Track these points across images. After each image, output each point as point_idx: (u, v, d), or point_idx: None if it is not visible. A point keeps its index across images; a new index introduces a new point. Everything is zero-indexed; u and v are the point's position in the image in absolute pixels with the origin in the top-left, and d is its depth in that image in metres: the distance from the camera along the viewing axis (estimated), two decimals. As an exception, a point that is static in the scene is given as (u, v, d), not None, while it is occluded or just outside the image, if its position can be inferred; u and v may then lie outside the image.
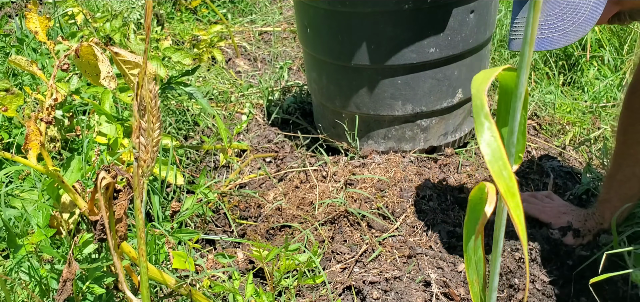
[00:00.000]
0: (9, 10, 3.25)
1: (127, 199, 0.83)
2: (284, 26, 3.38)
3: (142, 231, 0.78)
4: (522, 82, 0.47)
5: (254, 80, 2.70)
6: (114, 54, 0.85)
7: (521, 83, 0.47)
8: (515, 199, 0.47)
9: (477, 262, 0.56)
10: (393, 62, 1.71)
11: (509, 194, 0.46)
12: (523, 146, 0.51)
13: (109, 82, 0.86)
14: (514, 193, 0.47)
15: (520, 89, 0.48)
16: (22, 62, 0.90)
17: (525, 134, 0.51)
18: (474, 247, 0.56)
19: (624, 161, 1.39)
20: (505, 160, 0.46)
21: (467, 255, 0.56)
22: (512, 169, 0.50)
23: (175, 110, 2.19)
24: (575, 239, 1.46)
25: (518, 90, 0.48)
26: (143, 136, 0.74)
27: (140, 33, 2.71)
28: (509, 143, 0.51)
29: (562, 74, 2.41)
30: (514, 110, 0.49)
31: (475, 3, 1.69)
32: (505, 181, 0.46)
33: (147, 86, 0.74)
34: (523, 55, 0.46)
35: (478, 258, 0.56)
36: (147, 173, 0.75)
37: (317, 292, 1.40)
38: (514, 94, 0.48)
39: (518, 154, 0.51)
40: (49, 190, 0.92)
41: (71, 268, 0.88)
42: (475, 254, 0.56)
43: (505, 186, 0.46)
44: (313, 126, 2.19)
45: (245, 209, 1.71)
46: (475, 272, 0.56)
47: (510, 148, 0.51)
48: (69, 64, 0.83)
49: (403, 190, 1.67)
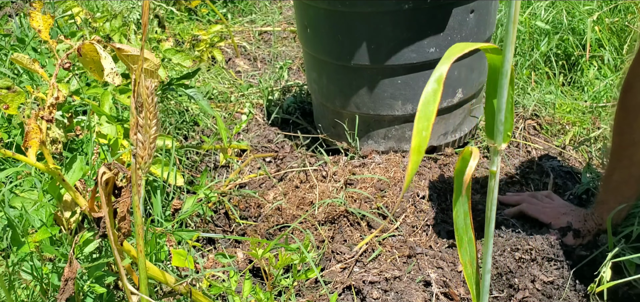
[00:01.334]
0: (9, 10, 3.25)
1: (130, 197, 0.83)
2: (284, 26, 3.38)
3: (140, 228, 0.79)
4: (507, 59, 0.48)
5: (254, 80, 2.70)
6: (118, 50, 0.86)
7: (507, 60, 0.48)
8: (418, 157, 0.49)
9: (468, 242, 0.56)
10: (393, 62, 1.71)
11: (417, 151, 0.49)
12: (511, 124, 0.51)
13: (113, 78, 0.86)
14: (421, 151, 0.49)
15: (506, 66, 0.48)
16: (24, 60, 0.90)
17: (513, 112, 0.51)
18: (464, 227, 0.56)
19: (619, 162, 1.38)
20: (430, 120, 0.49)
21: (458, 235, 0.56)
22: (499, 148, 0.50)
23: (175, 111, 2.19)
24: (576, 239, 1.46)
25: (504, 68, 0.48)
26: (140, 133, 0.74)
27: (140, 33, 2.71)
28: (497, 121, 0.51)
29: (562, 74, 2.41)
30: (500, 88, 0.49)
31: (475, 3, 1.69)
32: (421, 138, 0.48)
33: (144, 83, 0.74)
34: (507, 33, 0.47)
35: (469, 238, 0.56)
36: (144, 169, 0.75)
37: (317, 292, 1.40)
38: (500, 71, 0.49)
39: (506, 132, 0.51)
40: (50, 189, 0.92)
41: (72, 267, 0.88)
42: (466, 234, 0.56)
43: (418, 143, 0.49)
44: (313, 126, 2.19)
45: (245, 209, 1.71)
46: (468, 254, 0.56)
47: (498, 126, 0.51)
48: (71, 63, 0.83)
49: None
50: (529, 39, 2.55)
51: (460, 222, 0.55)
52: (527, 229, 1.55)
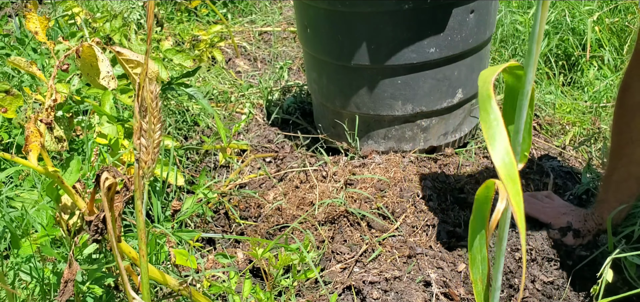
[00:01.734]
0: (9, 10, 3.25)
1: (123, 201, 0.83)
2: (284, 26, 3.38)
3: (143, 232, 0.78)
4: (529, 79, 0.47)
5: (254, 80, 2.70)
6: (117, 53, 0.85)
7: (528, 81, 0.47)
8: (516, 186, 0.46)
9: (481, 261, 0.56)
10: (393, 62, 1.71)
11: (510, 180, 0.46)
12: (528, 145, 0.51)
13: (108, 82, 0.86)
14: (515, 180, 0.46)
15: (527, 86, 0.47)
16: (21, 63, 0.90)
17: (531, 133, 0.51)
18: (479, 247, 0.56)
19: (619, 161, 1.38)
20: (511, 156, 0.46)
21: (471, 254, 0.56)
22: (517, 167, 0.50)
23: (175, 111, 2.19)
24: (576, 239, 1.46)
25: (525, 89, 0.47)
26: (144, 137, 0.74)
27: (140, 33, 2.71)
28: (515, 142, 0.50)
29: (562, 74, 2.41)
30: (520, 109, 0.48)
31: (475, 3, 1.69)
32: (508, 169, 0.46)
33: (148, 87, 0.74)
34: (530, 53, 0.45)
35: (482, 257, 0.56)
36: (148, 174, 0.75)
37: (317, 292, 1.40)
38: (521, 92, 0.48)
39: (523, 153, 0.51)
40: (48, 191, 0.92)
41: (72, 269, 0.88)
42: (480, 252, 0.56)
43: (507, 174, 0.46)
44: (313, 126, 2.19)
45: (245, 209, 1.71)
46: (480, 272, 0.56)
47: (515, 147, 0.51)
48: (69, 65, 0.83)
49: (403, 190, 1.67)
50: (529, 39, 2.55)
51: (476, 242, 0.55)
52: (527, 229, 1.55)
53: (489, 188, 0.53)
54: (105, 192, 0.73)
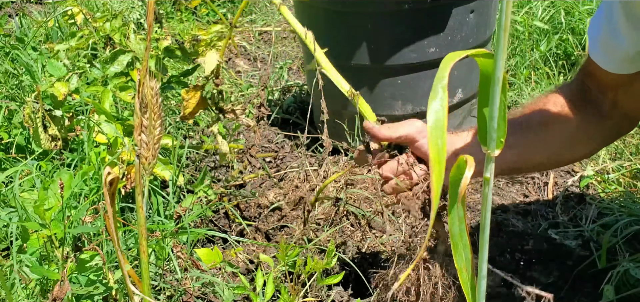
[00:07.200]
0: (9, 10, 3.25)
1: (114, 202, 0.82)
2: (284, 26, 3.38)
3: (143, 228, 0.78)
4: (499, 66, 0.48)
5: (254, 80, 2.70)
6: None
7: (498, 67, 0.48)
8: (440, 167, 0.51)
9: (463, 248, 0.56)
10: (393, 62, 1.71)
11: (437, 161, 0.51)
12: (504, 131, 0.51)
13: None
14: (441, 161, 0.51)
15: (498, 73, 0.48)
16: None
17: (506, 119, 0.51)
18: (459, 233, 0.56)
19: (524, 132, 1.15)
20: (444, 130, 0.52)
21: (453, 241, 0.56)
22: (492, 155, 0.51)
23: (175, 111, 2.19)
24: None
25: (496, 75, 0.48)
26: (144, 133, 0.74)
27: (140, 33, 2.71)
28: (490, 128, 0.51)
29: (562, 73, 2.41)
30: (493, 95, 0.49)
31: (475, 3, 1.69)
32: (439, 149, 0.50)
33: (148, 83, 0.74)
34: (498, 40, 0.47)
35: (464, 244, 0.56)
36: (148, 170, 0.75)
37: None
38: (492, 78, 0.49)
39: (499, 139, 0.51)
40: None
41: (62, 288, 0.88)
42: (461, 239, 0.56)
43: (436, 153, 0.51)
44: (313, 126, 2.19)
45: (245, 209, 1.71)
46: (463, 259, 0.56)
47: (491, 133, 0.51)
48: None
49: (403, 190, 1.67)
50: (528, 39, 2.55)
51: (455, 229, 0.55)
52: (528, 229, 1.55)
53: (461, 167, 0.53)
54: (108, 188, 0.73)
